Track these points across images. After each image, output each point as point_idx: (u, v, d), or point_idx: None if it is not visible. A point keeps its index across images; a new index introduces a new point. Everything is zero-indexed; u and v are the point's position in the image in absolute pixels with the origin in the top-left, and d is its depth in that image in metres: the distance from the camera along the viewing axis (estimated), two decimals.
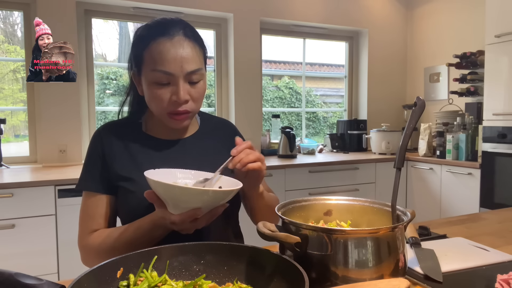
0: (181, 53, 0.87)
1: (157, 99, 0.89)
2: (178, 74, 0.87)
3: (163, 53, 0.86)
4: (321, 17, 3.51)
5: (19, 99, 2.85)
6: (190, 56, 0.88)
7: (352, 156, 3.23)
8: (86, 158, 0.98)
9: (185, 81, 0.88)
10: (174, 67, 0.86)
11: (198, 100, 0.93)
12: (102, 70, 3.20)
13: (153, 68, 0.87)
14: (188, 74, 0.88)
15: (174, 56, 0.86)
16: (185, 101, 0.89)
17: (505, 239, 1.03)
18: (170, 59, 0.86)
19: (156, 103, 0.90)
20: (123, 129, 0.99)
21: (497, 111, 2.60)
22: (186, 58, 0.87)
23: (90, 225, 0.93)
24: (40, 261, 2.06)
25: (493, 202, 2.58)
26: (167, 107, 0.89)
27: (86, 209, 0.95)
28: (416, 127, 2.80)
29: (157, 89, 0.88)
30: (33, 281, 0.56)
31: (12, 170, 2.45)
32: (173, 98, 0.88)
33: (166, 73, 0.86)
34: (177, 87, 0.87)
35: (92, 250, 0.91)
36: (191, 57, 0.88)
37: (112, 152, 0.95)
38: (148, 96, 0.92)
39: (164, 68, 0.86)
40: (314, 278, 0.63)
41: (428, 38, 3.71)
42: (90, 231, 0.93)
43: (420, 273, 0.77)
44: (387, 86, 3.86)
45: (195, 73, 0.89)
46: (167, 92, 0.88)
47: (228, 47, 3.28)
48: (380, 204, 0.80)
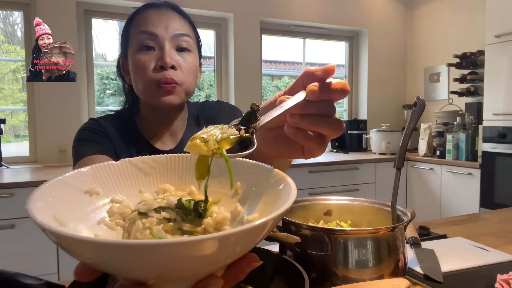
0: (166, 17, 0.83)
1: (140, 68, 0.81)
2: (163, 36, 0.81)
3: (148, 17, 0.82)
4: (321, 17, 3.51)
5: (19, 99, 2.85)
6: (177, 21, 0.84)
7: (352, 156, 3.23)
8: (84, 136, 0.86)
9: (172, 46, 0.82)
10: (159, 28, 0.81)
11: (187, 73, 0.84)
12: (102, 70, 3.20)
13: (137, 32, 0.82)
14: (174, 37, 0.82)
15: (158, 19, 0.82)
16: (171, 67, 0.81)
17: (505, 239, 1.03)
18: (154, 21, 0.82)
19: (141, 74, 0.81)
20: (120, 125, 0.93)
21: (497, 111, 2.60)
22: (172, 21, 0.83)
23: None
24: (40, 261, 2.06)
25: (493, 202, 2.58)
26: (152, 75, 0.80)
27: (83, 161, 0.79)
28: (416, 127, 2.80)
29: (141, 54, 0.81)
30: (33, 281, 0.56)
31: (12, 170, 2.45)
32: (159, 63, 0.81)
33: (150, 33, 0.81)
34: (162, 50, 0.81)
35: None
36: (178, 22, 0.84)
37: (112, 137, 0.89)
38: (133, 72, 0.84)
39: (148, 28, 0.81)
40: (314, 278, 0.63)
41: (428, 38, 3.71)
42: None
43: (420, 273, 0.77)
44: (387, 86, 3.86)
45: (183, 37, 0.83)
46: (152, 59, 0.81)
47: (228, 47, 3.28)
48: (380, 204, 0.80)
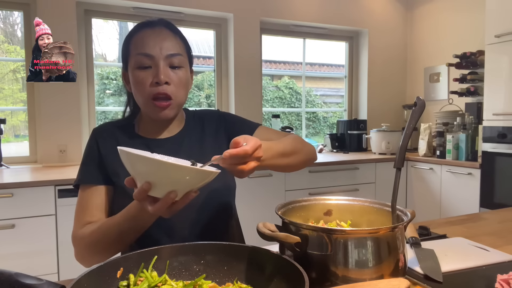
0: (161, 38, 0.94)
1: (139, 83, 0.93)
2: (158, 56, 0.92)
3: (144, 38, 0.94)
4: (321, 17, 3.51)
5: (19, 99, 2.85)
6: (170, 41, 0.95)
7: (352, 156, 3.23)
8: (83, 157, 1.00)
9: (166, 64, 0.93)
10: (154, 50, 0.92)
11: (178, 86, 0.95)
12: (102, 70, 3.20)
13: (136, 53, 0.93)
14: (167, 56, 0.93)
15: (154, 40, 0.93)
16: (165, 82, 0.92)
17: (505, 239, 1.03)
18: (150, 42, 0.93)
19: (140, 89, 0.93)
20: (117, 130, 1.01)
21: (497, 111, 2.60)
22: (166, 42, 0.94)
23: (84, 217, 0.92)
24: (40, 261, 2.06)
25: (493, 202, 2.58)
26: (149, 90, 0.92)
27: (81, 202, 0.95)
28: (416, 127, 2.80)
29: (139, 72, 0.93)
30: (33, 281, 0.56)
31: (12, 170, 2.45)
32: (154, 80, 0.92)
33: (147, 55, 0.92)
34: (157, 68, 0.92)
35: (83, 241, 0.89)
36: (171, 43, 0.95)
37: (106, 152, 0.97)
38: (133, 86, 0.96)
39: (145, 51, 0.92)
40: (314, 278, 0.63)
41: (428, 38, 3.71)
42: (84, 224, 0.91)
43: (420, 273, 0.77)
44: (387, 86, 3.86)
45: (175, 57, 0.94)
46: (149, 76, 0.92)
47: (228, 47, 3.28)
48: (380, 204, 0.80)
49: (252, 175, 2.56)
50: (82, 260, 0.92)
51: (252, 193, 2.61)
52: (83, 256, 0.91)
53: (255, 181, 2.62)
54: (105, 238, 0.85)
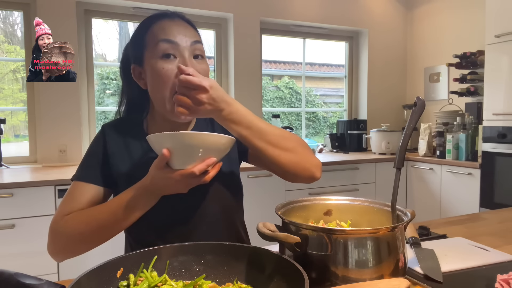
0: (183, 27, 0.89)
1: (165, 76, 0.84)
2: (183, 44, 0.86)
3: (166, 28, 0.88)
4: (321, 17, 3.51)
5: (19, 99, 2.85)
6: (190, 30, 0.90)
7: (352, 156, 3.23)
8: (87, 152, 0.97)
9: (191, 54, 0.87)
10: (179, 37, 0.86)
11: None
12: (102, 70, 3.20)
13: (157, 40, 0.86)
14: (192, 44, 0.87)
15: (176, 29, 0.88)
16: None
17: (505, 239, 1.03)
18: (173, 30, 0.87)
19: (162, 82, 0.84)
20: (127, 128, 0.98)
21: (497, 111, 2.60)
22: (187, 30, 0.89)
23: (71, 207, 0.87)
24: (40, 261, 2.06)
25: (493, 202, 2.58)
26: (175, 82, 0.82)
27: (73, 193, 0.90)
28: (416, 127, 2.80)
29: (163, 63, 0.84)
30: (33, 281, 0.56)
31: (12, 170, 2.45)
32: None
33: (171, 42, 0.85)
34: (183, 58, 0.85)
35: (66, 227, 0.84)
36: (190, 31, 0.90)
37: (114, 151, 0.94)
38: (153, 79, 0.87)
39: (169, 37, 0.86)
40: (314, 278, 0.63)
41: (428, 38, 3.71)
42: (69, 212, 0.87)
43: (420, 273, 0.77)
44: (387, 86, 3.86)
45: (197, 45, 0.89)
46: (174, 67, 0.84)
47: (228, 47, 3.28)
48: (380, 204, 0.80)
49: (252, 175, 2.56)
50: (57, 251, 0.87)
51: (252, 193, 2.61)
52: (61, 246, 0.86)
53: (255, 181, 2.62)
54: (94, 222, 0.82)
